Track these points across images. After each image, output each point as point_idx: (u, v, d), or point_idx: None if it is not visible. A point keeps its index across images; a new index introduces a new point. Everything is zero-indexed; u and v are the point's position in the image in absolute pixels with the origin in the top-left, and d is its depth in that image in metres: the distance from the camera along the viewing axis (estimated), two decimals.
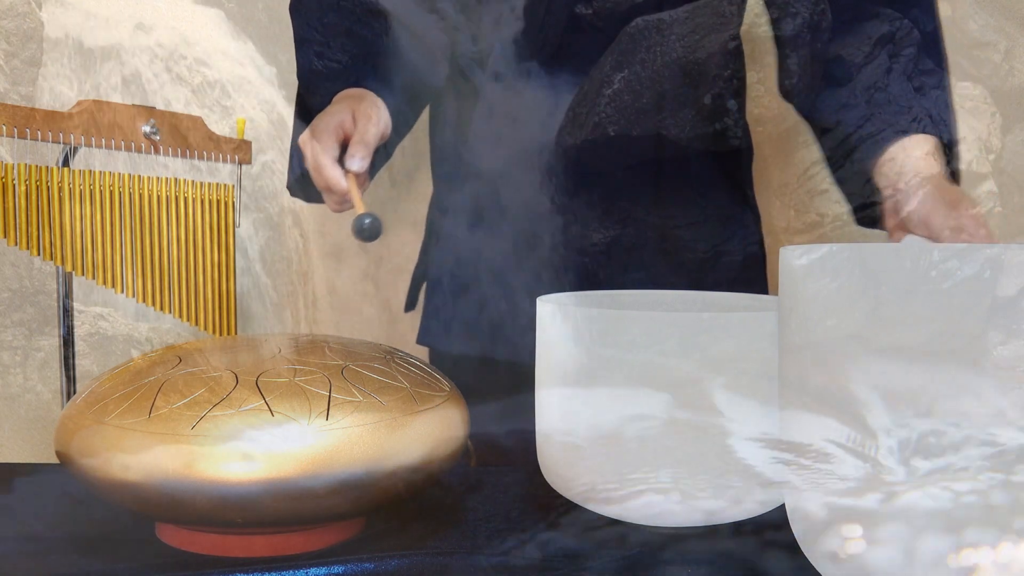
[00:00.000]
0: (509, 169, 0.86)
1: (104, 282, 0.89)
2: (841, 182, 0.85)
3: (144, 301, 0.92)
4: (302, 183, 0.86)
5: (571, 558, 0.53)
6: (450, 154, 0.94)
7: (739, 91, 0.84)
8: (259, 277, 1.24)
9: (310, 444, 0.49)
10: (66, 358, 0.96)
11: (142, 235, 0.91)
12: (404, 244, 1.19)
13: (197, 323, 0.96)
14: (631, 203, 0.86)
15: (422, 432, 0.53)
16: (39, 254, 0.86)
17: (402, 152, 1.19)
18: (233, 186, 0.98)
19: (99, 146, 0.89)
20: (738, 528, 0.56)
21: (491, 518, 0.60)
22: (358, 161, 0.76)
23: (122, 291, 0.91)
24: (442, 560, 0.52)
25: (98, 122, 0.88)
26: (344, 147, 0.78)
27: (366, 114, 0.79)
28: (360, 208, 0.75)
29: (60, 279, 0.95)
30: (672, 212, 0.87)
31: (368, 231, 0.74)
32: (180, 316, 0.94)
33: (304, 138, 0.79)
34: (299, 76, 0.90)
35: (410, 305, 0.99)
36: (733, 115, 0.79)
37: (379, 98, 0.83)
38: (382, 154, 0.88)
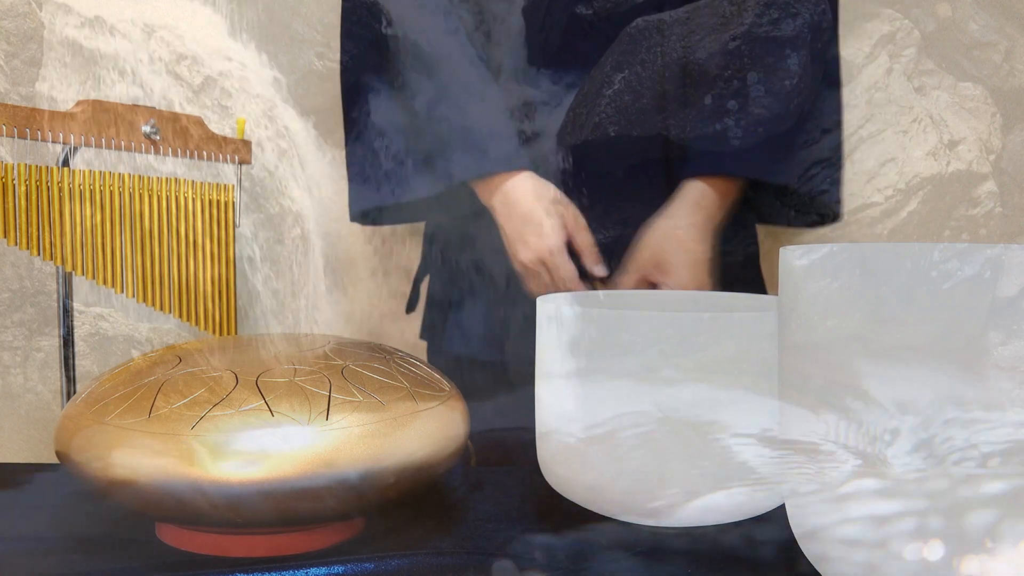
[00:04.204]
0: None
1: (104, 282, 0.89)
2: (840, 183, 0.85)
3: (144, 301, 0.92)
4: (370, 216, 0.90)
5: (571, 558, 0.53)
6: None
7: (740, 91, 0.84)
8: (259, 277, 1.24)
9: (310, 444, 0.49)
10: (66, 358, 0.96)
11: (142, 235, 0.91)
12: (405, 244, 1.19)
13: (197, 323, 0.96)
14: (631, 203, 0.86)
15: (422, 432, 0.53)
16: (39, 254, 0.86)
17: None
18: (233, 186, 0.98)
19: (99, 146, 0.89)
20: (738, 528, 0.56)
21: (491, 518, 0.60)
22: (601, 268, 0.82)
23: (122, 291, 0.90)
24: (442, 560, 0.52)
25: (98, 122, 0.88)
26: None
27: (576, 218, 0.81)
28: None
29: (60, 279, 0.95)
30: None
31: None
32: (180, 316, 0.94)
33: (532, 258, 0.80)
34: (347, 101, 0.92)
35: (411, 307, 0.99)
36: (734, 115, 0.79)
37: (553, 185, 0.84)
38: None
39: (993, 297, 0.35)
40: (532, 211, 0.80)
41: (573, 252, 0.81)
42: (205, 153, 0.96)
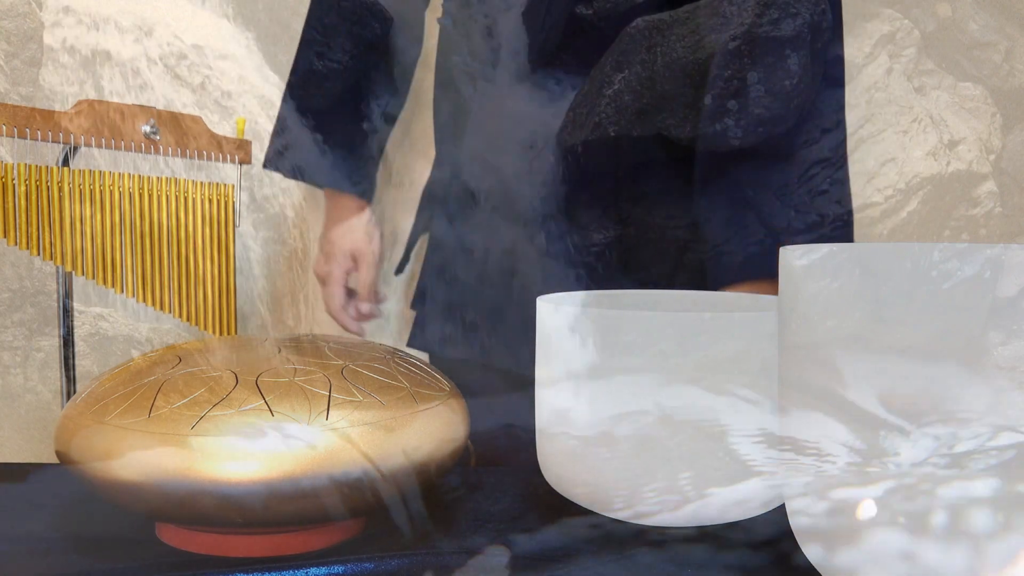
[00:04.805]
0: (509, 169, 0.86)
1: (104, 282, 0.89)
2: (840, 183, 0.85)
3: (144, 301, 0.92)
4: (278, 161, 1.01)
5: (571, 558, 0.53)
6: (448, 151, 0.94)
7: (740, 91, 0.84)
8: (259, 277, 1.24)
9: (310, 444, 0.49)
10: (66, 358, 0.96)
11: (142, 235, 0.91)
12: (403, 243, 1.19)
13: (197, 323, 0.96)
14: (631, 203, 0.86)
15: (422, 432, 0.53)
16: (39, 254, 0.86)
17: (400, 147, 1.19)
18: (233, 186, 0.98)
19: (99, 146, 0.89)
20: (738, 528, 0.56)
21: (491, 518, 0.60)
22: (367, 307, 0.99)
23: (122, 291, 0.90)
24: (442, 560, 0.52)
25: (98, 122, 0.88)
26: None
27: (366, 257, 0.99)
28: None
29: (60, 279, 0.95)
30: (672, 212, 0.86)
31: None
32: (180, 316, 0.94)
33: (319, 273, 1.00)
34: (295, 72, 0.98)
35: (399, 269, 1.06)
36: (734, 115, 0.79)
37: (372, 219, 1.01)
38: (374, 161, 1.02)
39: (993, 297, 0.35)
40: (348, 243, 0.99)
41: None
42: (205, 153, 0.96)
